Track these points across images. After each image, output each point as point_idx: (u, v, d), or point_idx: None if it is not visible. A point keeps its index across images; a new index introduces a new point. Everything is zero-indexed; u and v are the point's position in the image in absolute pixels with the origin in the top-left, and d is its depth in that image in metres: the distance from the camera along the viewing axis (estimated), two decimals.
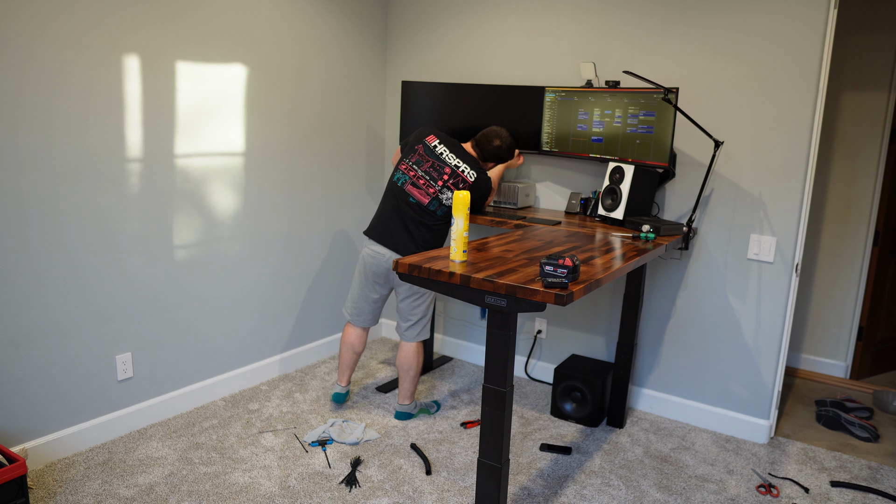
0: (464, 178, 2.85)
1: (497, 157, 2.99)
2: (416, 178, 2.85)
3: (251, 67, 3.09)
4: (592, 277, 1.95)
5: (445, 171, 2.84)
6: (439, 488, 2.53)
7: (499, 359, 1.95)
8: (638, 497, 2.54)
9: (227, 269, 3.15)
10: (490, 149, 2.96)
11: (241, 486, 2.47)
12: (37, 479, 2.45)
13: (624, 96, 2.97)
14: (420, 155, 2.89)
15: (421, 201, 2.84)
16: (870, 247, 3.74)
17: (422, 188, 2.84)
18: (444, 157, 2.87)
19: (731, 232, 2.99)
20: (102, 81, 2.52)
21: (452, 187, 2.84)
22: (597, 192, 3.20)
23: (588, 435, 3.03)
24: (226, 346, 3.22)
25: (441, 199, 2.84)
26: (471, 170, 2.87)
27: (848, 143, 3.72)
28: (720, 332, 3.09)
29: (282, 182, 3.36)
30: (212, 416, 3.02)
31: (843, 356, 3.90)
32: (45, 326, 2.49)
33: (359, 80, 3.74)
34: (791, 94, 2.77)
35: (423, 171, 2.85)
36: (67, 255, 2.51)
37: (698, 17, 2.93)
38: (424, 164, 2.86)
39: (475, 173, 2.88)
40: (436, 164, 2.85)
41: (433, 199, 2.84)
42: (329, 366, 3.69)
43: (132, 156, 2.67)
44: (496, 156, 2.98)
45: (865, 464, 2.88)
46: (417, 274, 2.02)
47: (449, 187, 2.84)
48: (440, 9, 3.67)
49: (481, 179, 2.90)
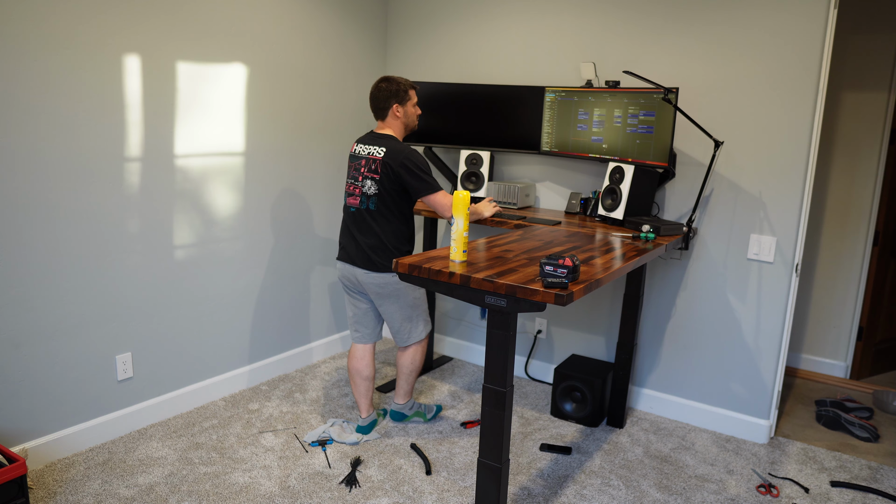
0: (374, 158, 2.68)
1: (395, 96, 2.72)
2: (348, 188, 2.77)
3: (251, 67, 3.09)
4: (592, 277, 1.95)
5: (361, 163, 2.72)
6: (439, 488, 2.53)
7: (499, 359, 1.95)
8: (638, 497, 2.54)
9: (228, 269, 3.16)
10: (381, 96, 2.72)
11: (241, 486, 2.47)
12: (37, 479, 2.45)
13: (624, 96, 2.97)
14: (349, 167, 2.80)
15: (354, 205, 2.74)
16: (870, 247, 3.74)
17: (353, 193, 2.74)
18: (358, 152, 2.75)
19: (731, 232, 2.99)
20: (102, 81, 2.52)
21: (371, 174, 2.68)
22: (597, 192, 3.20)
23: (588, 435, 3.03)
24: (226, 346, 3.22)
25: (367, 193, 2.70)
26: (379, 147, 2.68)
27: (848, 143, 3.72)
28: (720, 332, 3.09)
29: (282, 182, 3.36)
30: (212, 416, 3.02)
31: (843, 356, 3.90)
32: (46, 326, 2.49)
33: (359, 80, 3.74)
34: (791, 94, 2.77)
35: (350, 177, 2.77)
36: (67, 255, 2.51)
37: (698, 17, 2.93)
38: (350, 171, 2.78)
39: (384, 147, 2.67)
40: (355, 165, 2.75)
41: (361, 196, 2.72)
42: (329, 366, 3.69)
43: (132, 156, 2.67)
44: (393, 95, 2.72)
45: (865, 464, 2.88)
46: (417, 274, 2.02)
47: (367, 176, 2.69)
48: (440, 8, 3.67)
49: (393, 149, 2.65)
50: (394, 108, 2.75)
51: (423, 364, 3.68)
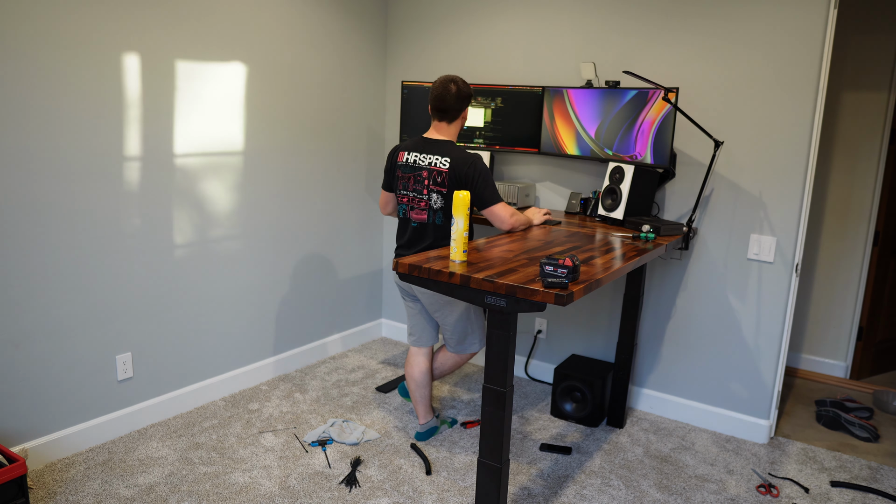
0: (439, 171, 2.57)
1: (468, 101, 2.65)
2: (410, 202, 2.67)
3: (251, 67, 3.09)
4: (592, 277, 1.95)
5: (423, 175, 2.61)
6: (439, 488, 2.53)
7: (499, 359, 1.95)
8: (638, 497, 2.54)
9: (227, 268, 3.16)
10: (455, 97, 2.60)
11: (241, 486, 2.47)
12: (37, 479, 2.45)
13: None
14: (402, 178, 2.69)
15: (420, 220, 2.65)
16: (870, 247, 3.74)
17: (418, 207, 2.64)
18: (417, 162, 2.63)
19: (731, 232, 2.99)
20: (101, 81, 2.52)
21: (437, 187, 2.60)
22: (597, 192, 3.20)
23: (588, 435, 3.03)
24: (226, 346, 3.22)
25: (433, 207, 2.62)
26: (442, 157, 2.58)
27: (848, 143, 3.72)
28: (720, 332, 3.09)
29: (282, 182, 3.36)
30: (212, 416, 3.02)
31: (843, 356, 3.90)
32: (46, 326, 2.49)
33: (359, 80, 3.74)
34: (791, 94, 2.77)
35: (411, 190, 2.66)
36: (67, 255, 2.51)
37: (698, 17, 2.93)
38: (409, 183, 2.66)
39: (448, 157, 2.57)
40: (415, 176, 2.64)
41: (429, 211, 2.63)
42: (329, 366, 3.69)
43: (132, 155, 2.67)
44: (466, 99, 2.63)
45: (865, 464, 2.88)
46: (417, 274, 2.02)
47: (433, 189, 2.61)
48: (440, 9, 3.67)
49: (460, 159, 2.56)
50: (464, 113, 2.67)
51: None
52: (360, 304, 4.06)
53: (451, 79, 2.62)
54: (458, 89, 2.61)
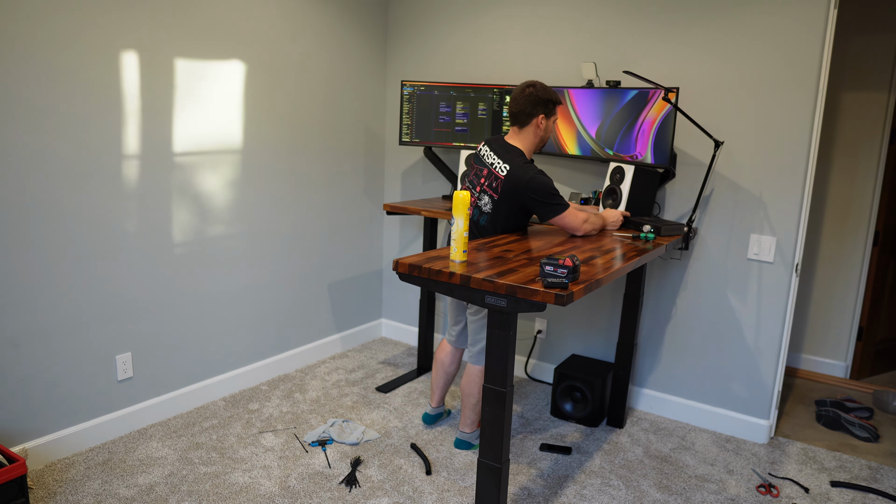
0: (496, 175, 2.46)
1: (544, 106, 2.49)
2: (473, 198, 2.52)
3: (251, 66, 3.09)
4: (592, 277, 1.95)
5: (483, 172, 2.51)
6: (439, 488, 2.53)
7: (499, 359, 1.95)
8: (638, 497, 2.54)
9: (227, 268, 3.15)
10: (529, 101, 2.46)
11: (241, 486, 2.47)
12: (37, 479, 2.45)
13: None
14: (472, 167, 2.57)
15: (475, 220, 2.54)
16: (870, 247, 3.74)
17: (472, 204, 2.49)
18: (485, 157, 2.52)
19: (731, 232, 2.99)
20: (101, 80, 2.52)
21: (490, 191, 2.48)
22: (597, 192, 3.20)
23: (588, 435, 3.03)
24: (226, 346, 3.22)
25: (482, 208, 2.51)
26: (503, 163, 2.44)
27: (848, 143, 3.72)
28: (720, 332, 3.09)
29: (282, 181, 3.36)
30: (212, 416, 3.02)
31: (843, 356, 3.90)
32: (45, 326, 2.49)
33: (359, 80, 3.74)
34: (791, 94, 2.77)
35: (468, 183, 2.56)
36: (67, 254, 2.51)
37: (699, 17, 2.93)
38: (471, 175, 2.56)
39: (508, 165, 2.43)
40: (478, 171, 2.53)
41: (476, 209, 2.52)
42: (329, 366, 3.69)
43: (132, 155, 2.67)
44: (542, 104, 2.47)
45: (865, 464, 2.88)
46: (417, 274, 2.02)
47: (486, 191, 2.49)
48: (440, 8, 3.67)
49: (516, 174, 2.42)
50: (538, 119, 2.51)
51: (427, 365, 3.68)
52: (360, 304, 4.06)
53: (529, 82, 2.51)
54: (531, 92, 2.48)
